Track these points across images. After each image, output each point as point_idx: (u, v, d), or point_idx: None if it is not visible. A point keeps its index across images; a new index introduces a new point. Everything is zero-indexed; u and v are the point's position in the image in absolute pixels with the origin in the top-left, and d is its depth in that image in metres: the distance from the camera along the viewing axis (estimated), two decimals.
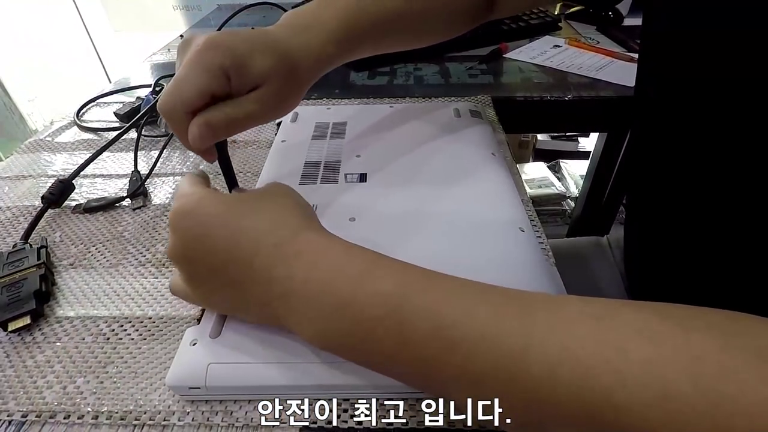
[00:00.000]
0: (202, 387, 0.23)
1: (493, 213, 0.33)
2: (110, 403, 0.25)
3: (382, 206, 0.34)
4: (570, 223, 1.08)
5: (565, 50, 0.66)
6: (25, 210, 0.40)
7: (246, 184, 0.42)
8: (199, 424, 0.24)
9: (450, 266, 0.28)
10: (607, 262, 0.50)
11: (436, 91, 0.56)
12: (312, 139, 0.43)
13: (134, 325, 0.29)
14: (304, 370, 0.24)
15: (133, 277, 0.33)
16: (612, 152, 0.71)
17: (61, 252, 0.35)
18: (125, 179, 0.43)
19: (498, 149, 0.41)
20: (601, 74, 0.59)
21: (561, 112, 0.56)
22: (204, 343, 0.25)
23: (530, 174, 1.27)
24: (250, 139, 0.49)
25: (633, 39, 0.68)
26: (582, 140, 1.39)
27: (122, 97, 0.58)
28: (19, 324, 0.28)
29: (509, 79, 0.60)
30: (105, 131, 0.51)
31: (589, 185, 0.78)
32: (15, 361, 0.27)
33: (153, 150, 0.47)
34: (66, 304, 0.31)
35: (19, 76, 1.12)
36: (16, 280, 0.31)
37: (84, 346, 0.28)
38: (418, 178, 0.37)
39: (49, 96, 1.16)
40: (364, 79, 0.61)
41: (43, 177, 0.44)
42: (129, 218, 0.39)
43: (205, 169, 0.44)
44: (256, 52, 0.27)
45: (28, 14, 1.15)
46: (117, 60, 1.31)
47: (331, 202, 0.35)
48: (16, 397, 0.25)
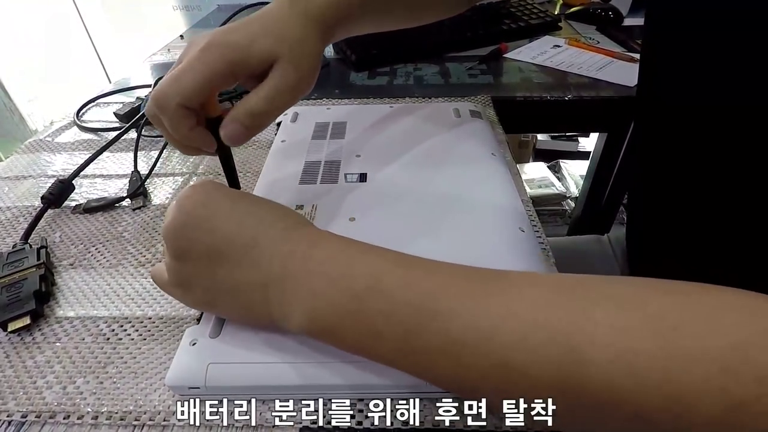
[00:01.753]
0: (201, 387, 0.23)
1: (493, 213, 0.33)
2: (110, 403, 0.25)
3: (382, 206, 0.34)
4: (570, 223, 1.08)
5: (565, 50, 0.66)
6: (25, 210, 0.40)
7: (246, 184, 0.42)
8: (199, 425, 0.24)
9: None
10: (608, 261, 0.50)
11: (436, 91, 0.56)
12: (312, 139, 0.43)
13: (134, 325, 0.29)
14: (304, 370, 0.24)
15: (133, 277, 0.33)
16: (612, 152, 0.71)
17: (61, 252, 0.35)
18: (125, 179, 0.43)
19: (498, 149, 0.41)
20: (601, 74, 0.59)
21: (561, 112, 0.56)
22: (204, 343, 0.25)
23: (530, 174, 1.27)
24: (250, 139, 0.49)
25: (633, 39, 0.68)
26: (582, 140, 1.39)
27: (122, 98, 0.58)
28: (18, 324, 0.28)
29: (509, 79, 0.60)
30: (105, 131, 0.51)
31: (589, 185, 0.78)
32: (15, 361, 0.27)
33: (153, 150, 0.47)
34: (66, 305, 0.31)
35: (19, 76, 1.12)
36: (16, 281, 0.31)
37: (84, 346, 0.28)
38: (418, 178, 0.37)
39: (49, 96, 1.15)
40: (364, 79, 0.61)
41: (43, 177, 0.44)
42: (129, 218, 0.39)
43: (206, 170, 0.44)
44: (257, 36, 0.26)
45: (28, 14, 1.15)
46: (117, 60, 1.31)
47: (331, 202, 0.35)
48: (16, 398, 0.25)
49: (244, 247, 0.22)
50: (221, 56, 0.25)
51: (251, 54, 0.26)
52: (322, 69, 0.64)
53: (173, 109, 0.25)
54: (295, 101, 0.29)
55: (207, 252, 0.23)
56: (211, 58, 0.25)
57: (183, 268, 0.24)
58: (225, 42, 0.26)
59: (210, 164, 0.45)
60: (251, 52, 0.26)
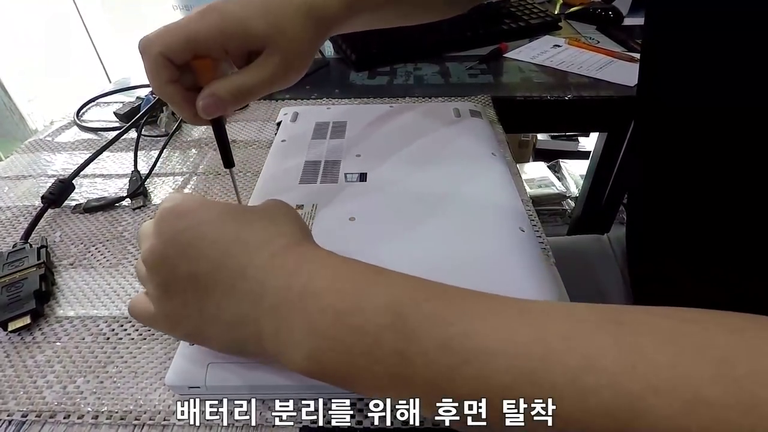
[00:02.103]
0: (201, 386, 0.23)
1: (493, 213, 0.33)
2: (110, 403, 0.25)
3: (382, 206, 0.34)
4: (570, 222, 1.08)
5: (565, 50, 0.66)
6: (25, 210, 0.40)
7: (246, 184, 0.42)
8: (199, 424, 0.24)
9: (450, 266, 0.28)
10: (608, 260, 0.50)
11: (436, 91, 0.56)
12: (312, 139, 0.43)
13: (134, 325, 0.29)
14: None
15: (133, 277, 0.33)
16: (612, 152, 0.71)
17: (61, 252, 0.35)
18: (125, 179, 0.43)
19: (498, 149, 0.41)
20: (601, 74, 0.59)
21: (561, 112, 0.56)
22: None
23: (530, 174, 1.27)
24: (250, 139, 0.49)
25: (633, 39, 0.68)
26: (582, 140, 1.39)
27: (122, 97, 0.58)
28: (19, 324, 0.28)
29: (509, 78, 0.60)
30: (105, 131, 0.51)
31: (589, 185, 0.78)
32: (15, 361, 0.27)
33: (153, 150, 0.47)
34: (66, 304, 0.31)
35: (19, 76, 1.12)
36: (16, 280, 0.31)
37: (84, 346, 0.28)
38: (417, 178, 0.37)
39: (49, 96, 1.15)
40: (364, 79, 0.61)
41: (43, 177, 0.44)
42: (129, 218, 0.39)
43: (206, 170, 0.44)
44: (257, 16, 0.26)
45: (28, 14, 1.15)
46: (117, 60, 1.31)
47: (331, 201, 0.35)
48: (16, 397, 0.25)
49: (231, 278, 0.20)
50: (215, 22, 0.25)
51: (247, 31, 0.26)
52: (322, 69, 0.64)
53: (153, 56, 0.25)
54: (275, 90, 0.29)
55: (193, 282, 0.21)
56: (205, 20, 0.25)
57: (168, 300, 0.21)
58: (224, 10, 0.26)
59: (210, 164, 0.45)
60: (247, 29, 0.26)
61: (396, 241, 0.30)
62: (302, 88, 0.59)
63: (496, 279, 0.28)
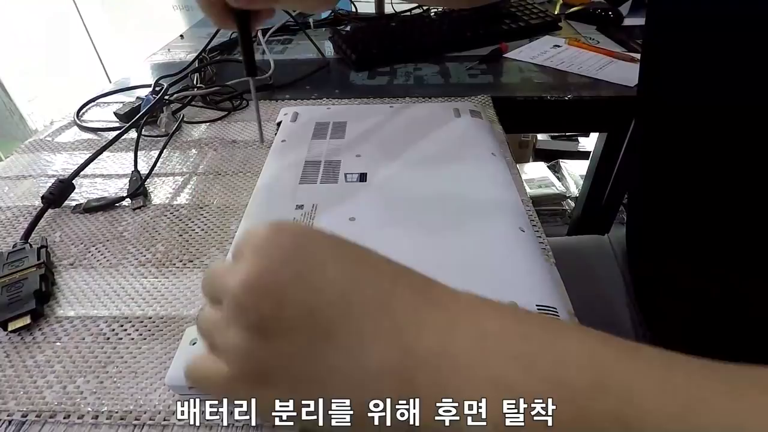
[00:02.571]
0: None
1: (493, 213, 0.33)
2: (110, 402, 0.25)
3: (382, 206, 0.34)
4: (570, 222, 1.08)
5: (565, 50, 0.66)
6: (25, 210, 0.40)
7: (246, 183, 0.42)
8: (199, 424, 0.24)
9: (450, 266, 0.28)
10: (608, 261, 0.50)
11: (436, 91, 0.56)
12: (312, 139, 0.43)
13: (134, 325, 0.29)
14: None
15: (133, 277, 0.33)
16: (612, 152, 0.71)
17: (61, 252, 0.35)
18: (125, 179, 0.43)
19: (498, 149, 0.41)
20: (602, 74, 0.59)
21: (561, 112, 0.56)
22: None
23: (530, 174, 1.27)
24: (250, 139, 0.49)
25: (633, 39, 0.68)
26: (582, 140, 1.39)
27: (122, 97, 0.58)
28: (19, 324, 0.28)
29: (509, 79, 0.60)
30: (105, 131, 0.51)
31: (589, 185, 0.78)
32: (15, 361, 0.27)
33: (153, 150, 0.47)
34: (66, 304, 0.31)
35: (19, 76, 1.12)
36: (16, 280, 0.31)
37: (84, 346, 0.28)
38: (418, 178, 0.37)
39: (49, 96, 1.15)
40: (364, 79, 0.61)
41: (43, 177, 0.44)
42: (129, 218, 0.39)
43: (206, 170, 0.44)
44: None
45: (28, 14, 1.15)
46: (117, 60, 1.31)
47: (331, 201, 0.35)
48: (16, 397, 0.25)
49: (366, 315, 0.15)
50: None
51: None
52: (322, 69, 0.64)
53: None
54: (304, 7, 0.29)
55: (310, 322, 0.16)
56: None
57: (265, 347, 0.16)
58: None
59: (210, 164, 0.45)
60: None
61: (396, 241, 0.30)
62: (302, 88, 0.59)
63: (496, 279, 0.28)
